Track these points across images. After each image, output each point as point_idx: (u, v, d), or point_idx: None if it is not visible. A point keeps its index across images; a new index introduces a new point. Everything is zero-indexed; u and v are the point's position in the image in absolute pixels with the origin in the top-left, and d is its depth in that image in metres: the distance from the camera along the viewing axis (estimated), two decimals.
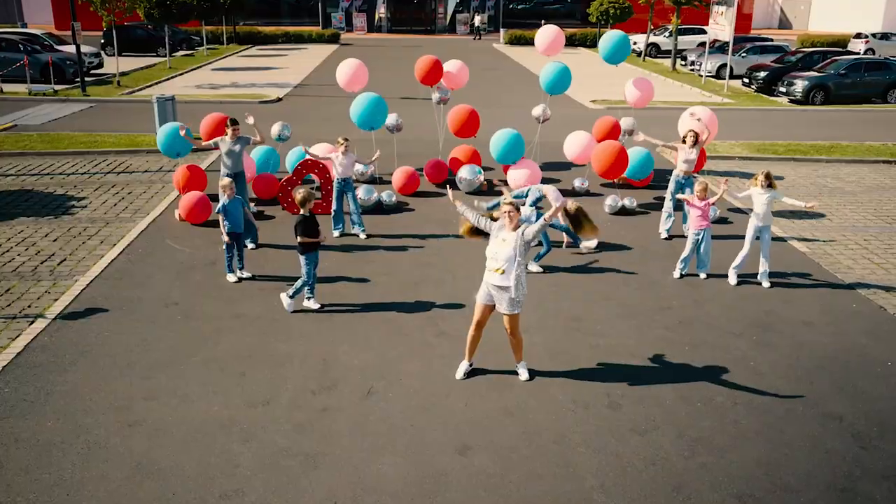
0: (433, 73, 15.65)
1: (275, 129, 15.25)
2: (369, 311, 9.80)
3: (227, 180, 10.49)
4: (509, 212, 7.66)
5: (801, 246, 12.51)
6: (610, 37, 15.12)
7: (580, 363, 8.60)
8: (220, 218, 10.29)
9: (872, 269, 11.62)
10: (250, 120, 11.92)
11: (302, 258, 9.57)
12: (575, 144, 15.37)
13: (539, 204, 11.05)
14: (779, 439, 7.27)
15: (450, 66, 16.28)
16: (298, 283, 9.70)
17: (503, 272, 7.66)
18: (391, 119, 15.72)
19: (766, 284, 10.80)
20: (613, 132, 15.61)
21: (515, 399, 7.86)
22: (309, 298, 9.82)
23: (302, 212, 9.47)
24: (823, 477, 6.74)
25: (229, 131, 11.61)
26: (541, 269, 11.19)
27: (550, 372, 8.38)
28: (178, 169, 13.64)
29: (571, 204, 10.95)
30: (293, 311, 9.69)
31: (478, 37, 57.78)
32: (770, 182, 10.66)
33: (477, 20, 58.76)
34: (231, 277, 10.58)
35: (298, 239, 9.46)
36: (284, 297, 9.73)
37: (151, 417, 7.38)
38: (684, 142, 12.33)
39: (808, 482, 6.66)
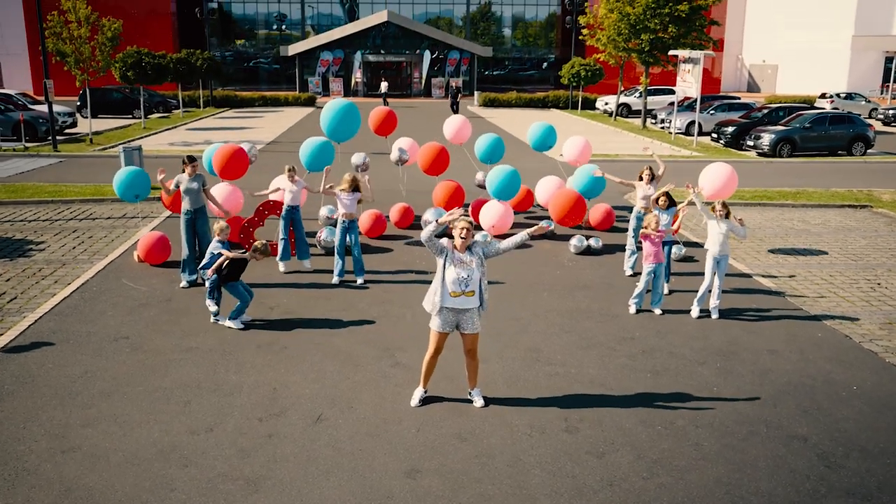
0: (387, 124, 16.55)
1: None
2: (325, 344, 9.54)
3: (223, 223, 10.20)
4: (466, 228, 7.51)
5: (766, 281, 12.43)
6: (536, 127, 16.61)
7: (538, 391, 8.35)
8: (215, 265, 9.89)
9: (838, 301, 11.54)
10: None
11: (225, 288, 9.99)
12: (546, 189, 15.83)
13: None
14: (741, 460, 7.03)
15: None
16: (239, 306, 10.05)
17: (473, 293, 7.53)
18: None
19: (714, 316, 10.68)
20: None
21: (470, 424, 7.58)
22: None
23: (247, 255, 9.94)
24: (787, 495, 6.48)
25: (188, 168, 11.42)
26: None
27: (507, 399, 8.11)
28: (221, 151, 13.53)
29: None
30: (242, 329, 9.99)
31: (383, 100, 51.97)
32: (727, 212, 10.65)
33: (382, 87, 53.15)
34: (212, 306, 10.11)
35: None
36: (229, 323, 10.05)
37: (87, 444, 7.03)
38: (641, 179, 12.38)
39: (771, 500, 6.41)
